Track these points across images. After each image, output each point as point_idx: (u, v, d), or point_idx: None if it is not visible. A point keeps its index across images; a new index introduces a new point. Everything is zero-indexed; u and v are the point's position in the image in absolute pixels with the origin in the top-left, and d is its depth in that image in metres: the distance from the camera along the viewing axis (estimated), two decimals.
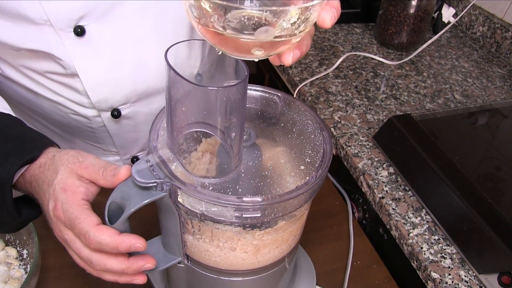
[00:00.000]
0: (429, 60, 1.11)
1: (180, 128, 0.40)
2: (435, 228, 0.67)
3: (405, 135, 0.76)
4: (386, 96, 0.97)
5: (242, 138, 0.41)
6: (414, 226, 0.68)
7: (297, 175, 0.42)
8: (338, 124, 0.88)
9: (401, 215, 0.70)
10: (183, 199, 0.40)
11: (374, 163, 0.79)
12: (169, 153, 0.42)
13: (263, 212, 0.39)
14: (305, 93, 0.97)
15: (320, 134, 0.46)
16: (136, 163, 0.41)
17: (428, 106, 0.94)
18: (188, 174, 0.40)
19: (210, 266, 0.47)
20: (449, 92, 1.00)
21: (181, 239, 0.46)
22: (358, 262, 0.70)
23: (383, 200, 0.72)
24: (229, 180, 0.40)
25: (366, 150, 0.82)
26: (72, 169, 0.44)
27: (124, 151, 0.74)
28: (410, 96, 0.97)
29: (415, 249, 0.64)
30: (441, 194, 0.67)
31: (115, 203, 0.41)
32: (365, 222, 0.82)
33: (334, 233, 0.75)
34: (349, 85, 1.00)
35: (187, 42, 0.63)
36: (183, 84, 0.35)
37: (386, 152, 0.80)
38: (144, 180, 0.39)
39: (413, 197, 0.73)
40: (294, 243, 0.51)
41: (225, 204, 0.38)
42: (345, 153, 0.83)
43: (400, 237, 0.68)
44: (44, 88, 0.62)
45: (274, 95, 0.52)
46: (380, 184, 0.75)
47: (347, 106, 0.93)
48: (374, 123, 0.89)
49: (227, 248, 0.44)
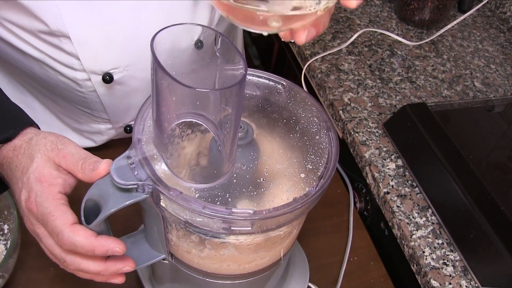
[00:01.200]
0: (451, 41, 1.04)
1: (167, 119, 0.35)
2: (439, 231, 0.64)
3: (418, 126, 0.71)
4: (401, 79, 0.90)
5: (236, 141, 0.36)
6: (418, 227, 0.64)
7: (296, 184, 0.37)
8: (348, 107, 0.82)
9: (405, 213, 0.66)
10: (166, 204, 0.36)
11: (382, 154, 0.74)
12: (154, 149, 0.37)
13: (254, 226, 0.35)
14: (315, 69, 0.90)
15: (326, 135, 0.42)
16: (116, 159, 0.36)
17: (445, 93, 0.88)
18: (173, 176, 0.36)
19: (195, 268, 0.44)
20: (469, 78, 0.93)
21: (165, 238, 0.43)
22: (355, 258, 0.67)
23: (387, 195, 0.68)
24: (218, 186, 0.36)
25: (375, 138, 0.77)
26: (49, 157, 0.40)
27: (116, 119, 0.69)
28: (427, 81, 0.91)
29: (417, 253, 0.61)
30: (450, 194, 0.63)
31: (92, 200, 0.37)
32: (366, 213, 0.79)
33: (333, 225, 0.72)
34: (363, 63, 0.93)
35: (192, 2, 0.57)
36: (169, 79, 0.30)
37: (396, 143, 0.75)
38: (123, 181, 0.35)
39: (420, 194, 0.68)
40: (289, 249, 0.47)
41: (212, 216, 0.34)
42: (352, 139, 0.78)
43: (402, 237, 0.64)
44: (31, 46, 0.56)
45: (279, 83, 0.46)
46: (386, 177, 0.71)
47: (358, 87, 0.87)
48: (385, 108, 0.83)
49: (212, 255, 0.40)
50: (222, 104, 0.33)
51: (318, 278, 0.63)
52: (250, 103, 0.44)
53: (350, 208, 0.74)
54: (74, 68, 0.58)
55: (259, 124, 0.42)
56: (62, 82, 0.61)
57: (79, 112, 0.68)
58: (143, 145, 0.38)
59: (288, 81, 0.46)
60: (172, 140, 0.36)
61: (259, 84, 0.46)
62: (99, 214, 0.37)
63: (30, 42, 0.56)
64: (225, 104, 0.32)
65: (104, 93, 0.62)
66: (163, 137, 0.36)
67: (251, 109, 0.43)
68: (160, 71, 0.30)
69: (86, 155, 0.39)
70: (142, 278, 0.56)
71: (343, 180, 0.80)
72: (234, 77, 0.34)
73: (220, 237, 0.37)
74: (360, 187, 0.80)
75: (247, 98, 0.44)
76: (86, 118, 0.69)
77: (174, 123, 0.35)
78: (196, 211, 0.34)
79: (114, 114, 0.68)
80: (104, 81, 0.59)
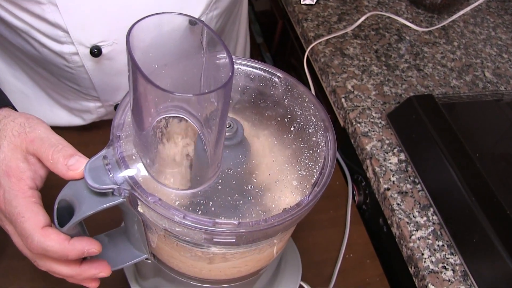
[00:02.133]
0: (462, 27, 0.99)
1: (147, 114, 0.32)
2: (440, 232, 0.61)
3: (423, 119, 0.68)
4: (408, 66, 0.86)
5: (222, 141, 0.33)
6: (418, 227, 0.61)
7: (287, 192, 0.34)
8: (351, 95, 0.79)
9: (405, 212, 0.63)
10: (144, 210, 0.33)
11: (385, 146, 0.71)
12: (133, 149, 0.34)
13: (239, 238, 0.32)
14: (319, 52, 0.86)
15: (323, 137, 0.38)
16: (91, 159, 0.33)
17: (453, 83, 0.84)
18: (152, 180, 0.33)
19: (179, 272, 0.42)
20: (480, 68, 0.89)
21: (146, 239, 0.40)
22: (351, 255, 0.65)
23: (388, 192, 0.65)
24: (201, 193, 0.33)
25: (378, 130, 0.74)
26: (16, 145, 0.37)
27: (105, 97, 0.66)
28: (435, 69, 0.86)
29: (415, 255, 0.59)
30: (454, 194, 0.60)
31: (66, 201, 0.35)
32: (365, 207, 0.76)
33: (329, 219, 0.70)
34: (369, 48, 0.89)
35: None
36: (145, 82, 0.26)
37: (400, 135, 0.72)
38: (97, 184, 0.32)
39: (421, 192, 0.66)
40: (282, 248, 0.44)
41: (192, 227, 0.31)
42: (353, 130, 0.75)
43: (401, 237, 0.62)
44: (13, 16, 0.53)
45: (275, 75, 0.43)
46: (387, 172, 0.68)
47: (363, 74, 0.83)
48: (390, 98, 0.79)
49: (196, 262, 0.38)
50: (206, 103, 0.29)
51: (310, 276, 0.61)
52: (241, 97, 0.40)
53: (348, 202, 0.71)
54: (60, 41, 0.55)
55: (251, 122, 0.39)
56: (48, 56, 0.58)
57: (68, 88, 0.64)
58: (122, 143, 0.34)
59: (285, 74, 0.42)
60: (152, 139, 0.33)
61: (253, 75, 0.42)
62: (73, 215, 0.34)
63: (12, 11, 0.52)
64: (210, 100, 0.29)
65: (93, 68, 0.59)
66: (142, 135, 0.32)
67: (242, 105, 0.40)
68: (135, 70, 0.26)
69: (57, 142, 0.36)
70: (126, 273, 0.54)
71: (343, 171, 0.77)
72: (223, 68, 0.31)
73: (202, 247, 0.34)
74: (360, 180, 0.78)
75: (239, 92, 0.41)
76: (74, 95, 0.66)
77: (154, 119, 0.32)
78: (175, 221, 0.31)
79: (104, 91, 0.64)
80: (92, 54, 0.56)
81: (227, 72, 0.29)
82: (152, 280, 0.49)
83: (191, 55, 0.34)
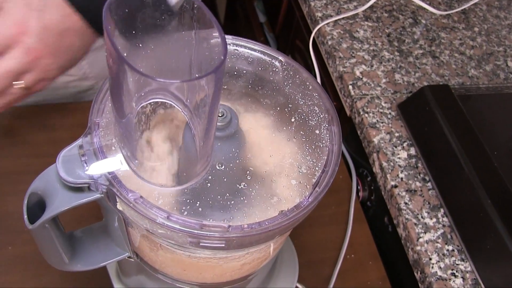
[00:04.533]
0: (485, 11, 0.96)
1: (128, 99, 0.29)
2: (451, 236, 0.59)
3: (437, 112, 0.66)
4: (422, 53, 0.84)
5: (213, 132, 0.31)
6: (426, 229, 0.60)
7: (285, 192, 0.32)
8: (359, 82, 0.76)
9: (413, 212, 0.61)
10: (124, 208, 0.31)
11: (394, 140, 0.69)
12: (113, 139, 0.32)
13: (229, 243, 0.30)
14: (326, 34, 0.84)
15: (327, 130, 0.36)
16: (65, 149, 0.31)
17: (471, 72, 0.81)
18: (133, 175, 0.31)
19: (163, 273, 0.40)
20: (502, 57, 0.86)
21: (128, 238, 0.38)
22: (352, 256, 0.64)
23: (395, 189, 0.63)
24: (188, 191, 0.31)
25: (387, 121, 0.71)
26: None
27: None
28: (452, 56, 0.84)
29: (422, 259, 0.57)
30: (467, 194, 0.59)
31: (37, 195, 0.33)
32: (369, 204, 0.75)
33: (330, 215, 0.68)
34: (381, 31, 0.86)
35: None
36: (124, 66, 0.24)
37: (410, 128, 0.70)
38: (71, 178, 0.30)
39: (432, 190, 0.64)
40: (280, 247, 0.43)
41: (177, 230, 0.29)
42: (360, 120, 0.72)
43: (407, 239, 0.60)
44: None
45: (276, 59, 0.40)
46: (395, 168, 0.66)
47: (373, 59, 0.81)
48: (402, 87, 0.77)
49: (181, 265, 0.36)
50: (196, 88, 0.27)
51: (307, 277, 0.60)
52: (237, 83, 0.38)
53: (352, 198, 0.70)
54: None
55: (247, 111, 0.37)
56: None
57: None
58: (101, 132, 0.32)
59: (287, 57, 0.40)
60: (134, 128, 0.31)
61: (250, 58, 0.40)
62: (45, 211, 0.32)
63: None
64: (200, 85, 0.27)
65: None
66: (122, 123, 0.30)
67: (238, 91, 0.38)
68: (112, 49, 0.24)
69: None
70: (109, 270, 0.53)
71: (347, 164, 0.76)
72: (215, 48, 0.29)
73: (188, 251, 0.33)
74: (365, 174, 0.76)
75: (234, 77, 0.38)
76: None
77: (137, 105, 0.30)
78: (157, 222, 0.29)
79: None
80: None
81: (219, 54, 0.26)
82: (136, 278, 0.48)
83: (180, 33, 0.32)
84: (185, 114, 0.29)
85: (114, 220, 0.37)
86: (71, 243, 0.40)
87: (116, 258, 0.42)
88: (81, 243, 0.41)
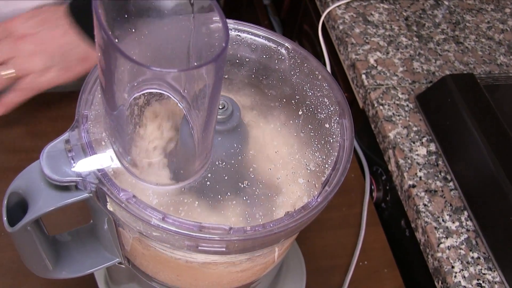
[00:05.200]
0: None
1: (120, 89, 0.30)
2: (476, 242, 0.60)
3: (461, 104, 0.66)
4: (444, 38, 0.84)
5: (213, 125, 0.32)
6: (448, 234, 0.60)
7: (292, 192, 0.33)
8: (373, 71, 0.77)
9: (433, 215, 0.62)
10: (115, 209, 0.32)
11: (411, 134, 0.70)
12: (103, 133, 0.33)
13: (230, 247, 0.31)
14: (337, 18, 0.84)
15: (338, 124, 0.37)
16: (50, 144, 0.32)
17: (500, 59, 0.82)
18: (125, 173, 0.32)
19: (156, 280, 0.41)
20: None
21: (118, 242, 0.39)
22: (365, 263, 0.65)
23: (413, 189, 0.64)
24: (185, 190, 0.32)
25: (404, 114, 0.72)
26: None
27: None
28: (479, 42, 0.85)
29: (444, 267, 0.58)
30: (495, 196, 0.60)
31: (19, 195, 0.33)
32: (384, 205, 0.76)
33: (341, 217, 0.69)
34: (398, 14, 0.87)
35: None
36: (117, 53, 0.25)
37: (430, 122, 0.71)
38: (57, 176, 0.31)
39: (454, 191, 0.65)
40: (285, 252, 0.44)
41: (173, 232, 0.29)
42: (374, 113, 0.73)
43: (427, 245, 0.61)
44: None
45: (282, 45, 0.41)
46: (413, 165, 0.66)
47: (389, 46, 0.82)
48: (421, 76, 0.78)
49: (176, 272, 0.37)
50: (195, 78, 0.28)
51: (316, 285, 0.61)
52: (239, 72, 0.39)
53: (365, 198, 0.71)
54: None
55: (250, 103, 0.37)
56: None
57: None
58: (90, 125, 0.33)
59: (294, 44, 0.41)
60: (127, 121, 0.32)
61: (254, 45, 0.40)
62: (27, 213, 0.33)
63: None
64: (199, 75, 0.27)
65: None
66: (113, 115, 0.31)
67: (240, 81, 0.38)
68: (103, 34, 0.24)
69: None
70: (97, 277, 0.53)
71: (359, 161, 0.77)
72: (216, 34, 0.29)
73: (185, 255, 0.33)
74: (380, 172, 0.77)
75: (236, 65, 0.39)
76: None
77: (130, 96, 0.30)
78: (152, 224, 0.29)
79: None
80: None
81: (221, 41, 0.27)
82: (126, 286, 0.49)
83: (177, 17, 0.32)
84: (182, 106, 0.29)
85: (104, 222, 0.38)
86: (56, 248, 0.41)
87: (105, 264, 0.43)
88: (66, 248, 0.42)
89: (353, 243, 0.66)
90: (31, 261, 0.40)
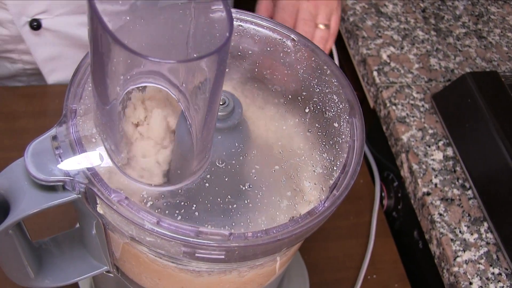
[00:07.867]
0: None
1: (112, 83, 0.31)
2: (497, 256, 0.61)
3: (482, 105, 0.67)
4: (465, 32, 0.86)
5: (214, 123, 0.32)
6: (466, 247, 0.61)
7: (297, 195, 0.34)
8: (385, 67, 0.78)
9: (450, 226, 0.63)
10: (105, 211, 0.32)
11: (427, 137, 0.71)
12: (93, 129, 0.33)
13: (230, 254, 0.31)
14: (347, 9, 0.86)
15: (348, 123, 0.38)
16: (35, 140, 0.33)
17: None
18: (117, 172, 0.32)
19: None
20: None
21: (107, 249, 0.40)
22: (374, 276, 0.66)
23: (427, 197, 0.65)
24: (182, 191, 0.32)
25: (419, 115, 0.73)
26: None
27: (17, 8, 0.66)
28: (504, 37, 0.86)
29: (461, 283, 0.59)
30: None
31: (1, 195, 0.34)
32: (396, 214, 0.77)
33: (349, 227, 0.70)
34: (414, 5, 0.88)
35: None
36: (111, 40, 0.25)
37: (448, 124, 0.72)
38: (43, 175, 0.31)
39: (473, 200, 0.66)
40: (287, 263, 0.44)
41: (168, 237, 0.30)
42: (386, 113, 0.74)
43: (442, 258, 0.62)
44: None
45: (288, 37, 0.42)
46: (428, 171, 0.67)
47: (403, 40, 0.83)
48: (438, 74, 0.79)
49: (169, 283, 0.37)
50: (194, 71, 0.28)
51: None
52: (241, 65, 0.40)
53: (375, 206, 0.72)
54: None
55: (252, 99, 0.38)
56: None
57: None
58: (79, 121, 0.34)
59: (301, 36, 0.42)
60: (119, 116, 0.32)
61: (257, 36, 0.41)
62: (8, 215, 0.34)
63: None
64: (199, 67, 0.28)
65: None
66: (105, 110, 0.32)
67: (242, 75, 0.39)
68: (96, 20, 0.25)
69: None
70: (81, 286, 0.54)
71: (369, 166, 0.77)
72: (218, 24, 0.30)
73: (181, 263, 0.34)
74: (391, 178, 0.78)
75: (238, 58, 0.40)
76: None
77: (123, 89, 0.31)
78: (145, 228, 0.30)
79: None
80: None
81: (223, 31, 0.28)
82: None
83: (175, 3, 0.33)
84: (179, 102, 0.30)
85: (92, 226, 0.39)
86: (38, 254, 0.42)
87: (91, 272, 0.43)
88: (50, 255, 0.43)
89: (361, 255, 0.67)
90: (11, 268, 0.40)
